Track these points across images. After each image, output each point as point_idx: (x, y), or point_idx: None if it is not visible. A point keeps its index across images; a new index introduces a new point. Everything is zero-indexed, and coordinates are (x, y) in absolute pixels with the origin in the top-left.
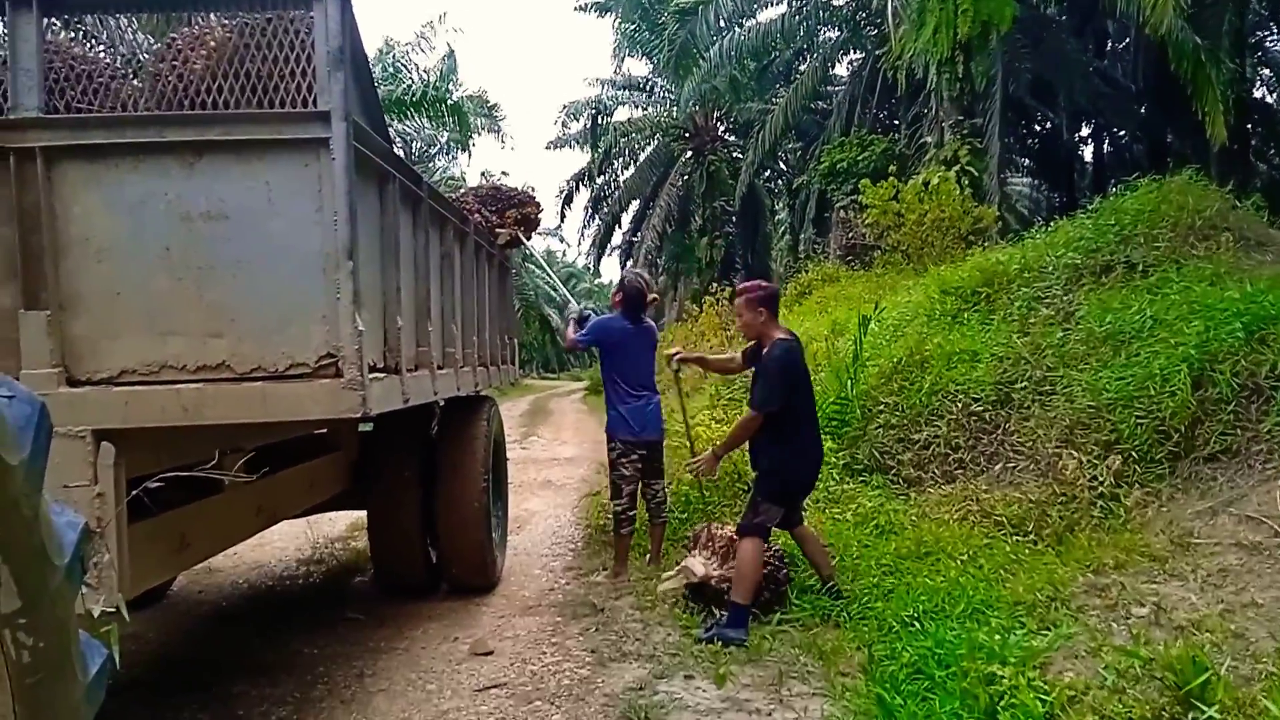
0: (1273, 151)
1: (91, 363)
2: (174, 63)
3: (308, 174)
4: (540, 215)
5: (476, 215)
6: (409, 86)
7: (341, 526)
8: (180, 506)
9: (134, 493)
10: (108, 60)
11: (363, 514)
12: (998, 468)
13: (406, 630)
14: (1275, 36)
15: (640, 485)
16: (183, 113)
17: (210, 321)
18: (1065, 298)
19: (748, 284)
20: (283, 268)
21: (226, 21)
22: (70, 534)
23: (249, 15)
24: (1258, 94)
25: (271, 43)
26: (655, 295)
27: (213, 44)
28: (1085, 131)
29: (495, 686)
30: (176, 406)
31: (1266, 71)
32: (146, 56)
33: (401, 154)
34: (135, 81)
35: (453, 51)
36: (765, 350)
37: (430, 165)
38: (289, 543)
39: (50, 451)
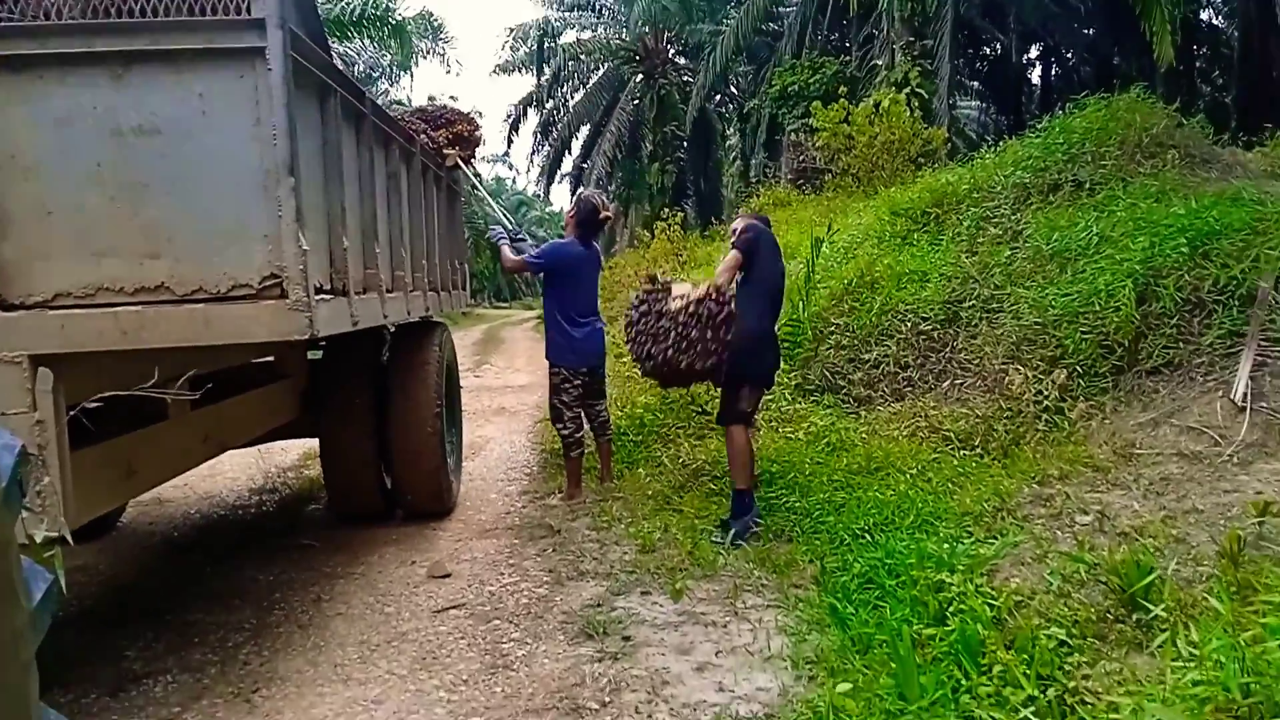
0: (1216, 74)
1: (24, 285)
2: None
3: (243, 85)
4: (477, 134)
5: (423, 136)
6: (347, 4)
7: (294, 456)
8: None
9: (71, 413)
10: None
11: (315, 442)
12: (946, 385)
13: (362, 555)
14: None
15: (583, 407)
16: (110, 20)
17: (147, 241)
18: (1013, 217)
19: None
20: (221, 185)
21: None
22: (6, 456)
23: None
24: (1204, 16)
25: None
26: (608, 214)
27: None
28: (1034, 54)
29: (454, 607)
30: (115, 330)
31: None
32: None
33: None
34: None
35: None
36: None
37: (373, 89)
38: (240, 473)
39: None
